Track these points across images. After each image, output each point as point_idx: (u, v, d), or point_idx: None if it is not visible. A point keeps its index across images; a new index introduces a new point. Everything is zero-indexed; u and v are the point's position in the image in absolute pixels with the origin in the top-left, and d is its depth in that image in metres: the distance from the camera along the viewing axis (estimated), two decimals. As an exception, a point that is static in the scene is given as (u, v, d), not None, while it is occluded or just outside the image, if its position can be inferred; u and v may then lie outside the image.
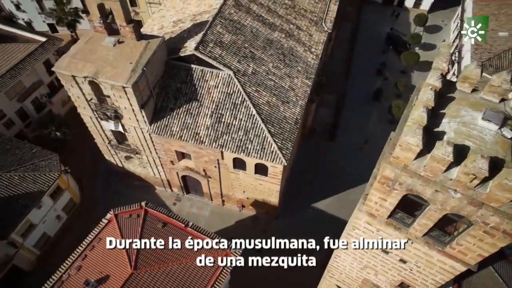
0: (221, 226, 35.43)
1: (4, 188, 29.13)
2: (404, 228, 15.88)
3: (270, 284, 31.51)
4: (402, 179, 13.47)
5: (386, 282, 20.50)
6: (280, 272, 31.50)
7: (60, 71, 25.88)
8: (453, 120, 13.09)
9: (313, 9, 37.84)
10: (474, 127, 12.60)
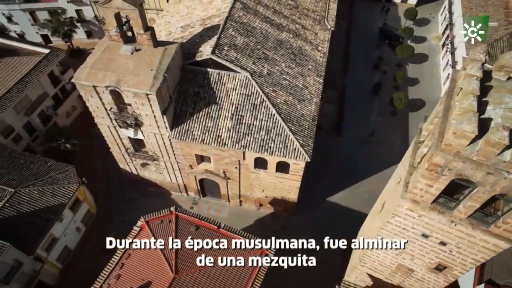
0: (240, 226, 35.69)
1: (24, 204, 28.77)
2: (448, 212, 16.81)
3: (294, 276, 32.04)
4: (452, 164, 14.34)
5: (422, 265, 21.49)
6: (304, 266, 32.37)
7: (81, 82, 25.77)
8: (498, 106, 14.04)
9: (315, 8, 38.74)
10: (517, 110, 13.59)
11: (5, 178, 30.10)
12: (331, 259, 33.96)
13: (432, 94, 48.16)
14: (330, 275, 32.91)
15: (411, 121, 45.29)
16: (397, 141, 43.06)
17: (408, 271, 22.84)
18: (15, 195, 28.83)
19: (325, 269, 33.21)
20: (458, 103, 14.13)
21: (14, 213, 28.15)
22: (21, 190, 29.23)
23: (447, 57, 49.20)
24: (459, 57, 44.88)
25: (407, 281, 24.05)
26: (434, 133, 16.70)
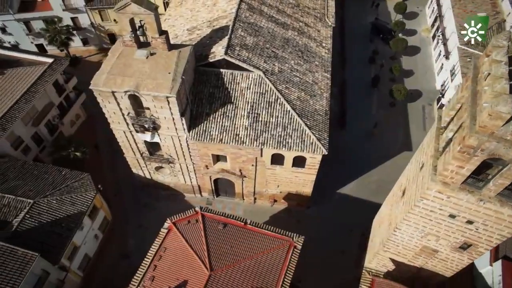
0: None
1: (45, 214, 28.64)
2: (477, 191, 17.85)
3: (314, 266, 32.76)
4: (485, 145, 15.34)
5: (447, 245, 22.55)
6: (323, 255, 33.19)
7: (99, 88, 25.88)
8: None
9: (314, 6, 39.66)
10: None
11: (22, 189, 29.86)
12: (348, 250, 35.10)
13: (427, 85, 49.79)
14: (348, 265, 33.84)
15: (410, 112, 46.70)
16: (399, 131, 44.44)
17: (432, 252, 23.89)
18: (34, 205, 28.66)
19: (343, 260, 34.32)
20: (489, 87, 15.11)
21: (35, 223, 28.00)
22: (39, 201, 29.06)
23: (439, 48, 50.93)
24: (451, 47, 46.55)
25: (430, 262, 25.12)
26: (460, 118, 17.71)
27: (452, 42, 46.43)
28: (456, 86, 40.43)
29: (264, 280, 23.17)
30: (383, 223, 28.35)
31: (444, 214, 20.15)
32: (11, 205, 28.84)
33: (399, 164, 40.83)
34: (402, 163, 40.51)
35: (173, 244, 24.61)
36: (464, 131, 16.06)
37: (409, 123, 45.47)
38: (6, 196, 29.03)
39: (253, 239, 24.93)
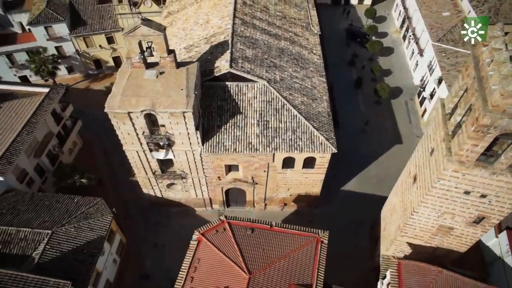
0: (269, 228, 37.28)
1: (65, 242, 28.26)
2: (490, 166, 19.96)
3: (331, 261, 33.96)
4: (498, 122, 17.44)
5: (462, 221, 24.57)
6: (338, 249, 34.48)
7: (115, 111, 26.33)
8: None
9: (299, 16, 41.97)
10: (542, 72, 17.01)
11: (37, 221, 29.33)
12: (360, 242, 36.68)
13: (405, 81, 53.28)
14: (363, 256, 35.36)
15: (395, 108, 49.71)
16: (388, 126, 47.18)
17: (448, 230, 25.85)
18: (53, 236, 28.23)
19: (357, 252, 35.82)
20: (495, 72, 17.31)
21: (56, 253, 27.56)
22: (57, 230, 28.66)
23: (412, 46, 54.83)
24: (424, 45, 50.33)
25: (446, 240, 27.08)
26: (467, 102, 19.86)
27: (424, 40, 50.24)
28: (436, 79, 43.81)
29: (299, 276, 24.14)
30: (395, 211, 30.17)
31: (460, 191, 22.15)
32: (28, 238, 28.26)
33: (394, 157, 43.55)
34: (396, 156, 43.41)
35: (206, 254, 25.12)
36: (477, 112, 18.13)
37: (395, 118, 48.36)
38: (22, 229, 28.42)
39: (282, 240, 25.92)
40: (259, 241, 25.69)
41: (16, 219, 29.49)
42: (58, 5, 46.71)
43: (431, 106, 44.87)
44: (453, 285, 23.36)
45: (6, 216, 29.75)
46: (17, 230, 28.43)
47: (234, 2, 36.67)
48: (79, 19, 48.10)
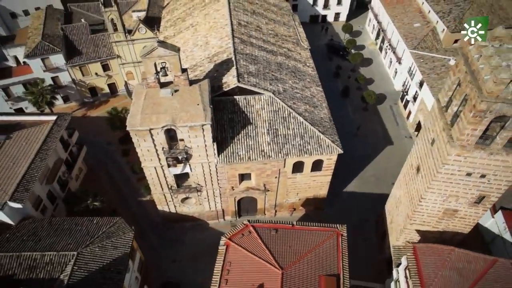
0: (281, 234, 38.77)
1: (91, 262, 28.69)
2: (488, 147, 22.81)
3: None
4: (493, 107, 20.36)
5: (465, 203, 27.25)
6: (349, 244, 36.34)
7: (137, 128, 27.73)
8: (508, 61, 20.49)
9: (289, 34, 45.20)
10: (523, 62, 20.19)
11: (60, 244, 29.63)
12: (368, 237, 38.76)
13: (387, 88, 57.33)
14: (372, 248, 37.37)
15: (381, 112, 53.27)
16: (377, 129, 50.46)
17: (453, 213, 28.46)
18: (79, 256, 28.60)
19: (367, 245, 37.83)
20: (485, 65, 20.34)
21: (85, 273, 27.91)
22: (83, 251, 29.07)
23: (389, 56, 59.36)
24: (400, 53, 54.77)
25: (451, 223, 29.66)
26: (462, 93, 22.80)
27: (401, 49, 54.71)
28: (417, 83, 47.80)
29: (327, 268, 25.78)
30: (401, 202, 32.62)
31: (462, 174, 24.87)
32: (54, 261, 28.49)
33: (387, 157, 46.61)
34: (389, 156, 46.52)
35: (236, 257, 26.38)
36: (473, 100, 21.04)
37: (383, 122, 51.81)
38: (47, 253, 28.66)
39: (305, 236, 27.61)
40: (284, 240, 27.27)
41: (39, 244, 29.69)
42: (53, 37, 47.86)
43: (415, 108, 48.64)
44: (465, 260, 25.70)
45: (28, 243, 29.90)
46: (42, 254, 28.65)
47: (231, 23, 39.34)
48: (74, 49, 49.33)
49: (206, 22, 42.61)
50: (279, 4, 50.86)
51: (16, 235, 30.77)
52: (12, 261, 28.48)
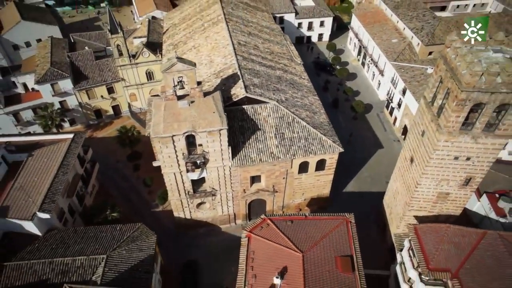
0: (289, 233, 41.39)
1: (120, 264, 30.55)
2: (470, 132, 26.85)
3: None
4: (471, 96, 24.52)
5: (455, 185, 31.03)
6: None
7: (161, 135, 30.62)
8: (479, 58, 24.86)
9: (283, 51, 49.70)
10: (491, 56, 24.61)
11: (89, 249, 31.43)
12: (371, 230, 41.85)
13: (373, 98, 62.27)
14: (375, 240, 40.37)
15: (370, 120, 57.80)
16: (368, 135, 54.73)
17: (446, 196, 32.14)
18: (108, 259, 30.45)
19: (370, 238, 40.81)
20: (461, 62, 24.63)
21: (115, 274, 29.71)
22: (111, 254, 30.95)
23: (372, 70, 64.83)
24: (382, 66, 60.17)
25: (444, 206, 33.27)
26: (445, 88, 27.00)
27: (382, 63, 60.18)
28: (400, 91, 52.77)
29: (341, 250, 28.66)
30: (399, 193, 36.18)
31: (451, 158, 28.75)
32: (85, 264, 30.26)
33: (380, 159, 50.64)
34: (381, 158, 50.59)
35: (259, 246, 28.96)
36: (455, 92, 25.21)
37: (372, 128, 56.22)
38: (77, 258, 30.43)
39: (318, 225, 30.53)
40: (300, 229, 30.12)
41: (68, 250, 31.41)
42: (61, 64, 50.74)
43: (401, 114, 53.36)
44: (460, 234, 29.14)
45: (58, 250, 31.57)
46: (73, 259, 30.40)
47: (232, 43, 43.46)
48: (81, 74, 52.21)
49: (207, 44, 46.62)
50: (271, 26, 55.78)
51: (45, 244, 32.38)
52: (45, 267, 30.10)
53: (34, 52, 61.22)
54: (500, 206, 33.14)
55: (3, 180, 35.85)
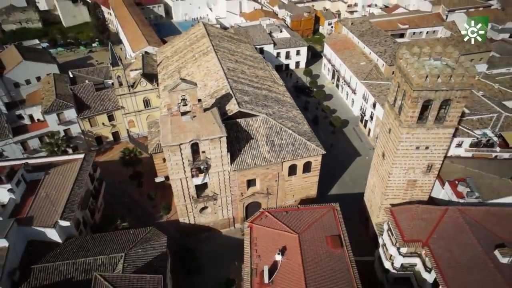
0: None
1: (138, 260, 34.30)
2: (424, 124, 33.27)
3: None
4: (421, 94, 31.14)
5: (420, 172, 37.05)
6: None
7: (170, 144, 35.65)
8: (423, 65, 31.77)
9: (265, 75, 56.56)
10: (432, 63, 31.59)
11: (108, 250, 35.09)
12: (355, 225, 46.85)
13: (348, 115, 69.44)
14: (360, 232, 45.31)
15: (347, 133, 64.52)
16: (346, 146, 61.13)
17: (414, 183, 38.04)
18: (127, 256, 34.21)
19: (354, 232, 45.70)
20: (411, 68, 31.46)
21: (133, 268, 33.41)
22: (129, 252, 34.71)
23: (345, 90, 72.63)
24: (354, 86, 67.97)
25: (414, 193, 39.07)
26: (401, 91, 33.68)
27: (354, 83, 68.02)
28: (371, 105, 60.08)
29: (330, 231, 33.64)
30: (376, 187, 41.90)
31: (413, 148, 34.96)
32: (105, 262, 33.88)
33: (358, 165, 56.76)
34: (360, 164, 56.84)
35: (260, 233, 33.59)
36: (409, 92, 31.83)
37: (350, 140, 62.81)
38: (98, 257, 34.07)
39: (309, 213, 35.59)
40: (294, 217, 35.10)
41: (89, 252, 34.98)
42: (65, 96, 55.64)
43: (373, 125, 60.35)
44: (427, 211, 34.74)
45: (79, 253, 35.08)
46: (94, 259, 34.02)
47: (222, 69, 49.89)
48: (83, 104, 57.08)
49: (200, 71, 52.94)
50: (254, 55, 63.08)
51: (66, 249, 35.78)
52: (69, 267, 33.51)
53: (34, 88, 66.21)
54: (459, 190, 39.03)
55: (23, 197, 39.39)
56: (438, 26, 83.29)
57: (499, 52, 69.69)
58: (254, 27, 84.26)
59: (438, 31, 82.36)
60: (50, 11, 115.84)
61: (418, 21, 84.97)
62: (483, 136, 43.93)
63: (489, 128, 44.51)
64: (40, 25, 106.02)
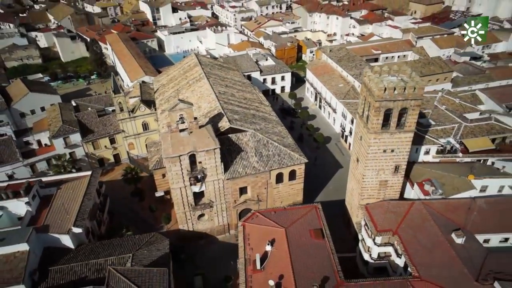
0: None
1: (144, 259, 38.53)
2: (388, 130, 39.24)
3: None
4: (382, 104, 37.34)
5: (389, 173, 42.63)
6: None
7: (171, 156, 40.86)
8: (382, 80, 38.18)
9: (253, 97, 62.94)
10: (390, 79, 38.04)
11: (116, 252, 39.27)
12: (339, 227, 51.68)
13: (330, 132, 75.73)
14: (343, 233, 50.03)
15: (330, 148, 70.48)
16: (329, 159, 66.87)
17: (385, 183, 43.51)
18: (134, 256, 38.45)
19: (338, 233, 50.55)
20: (373, 84, 37.85)
21: (141, 266, 37.54)
22: (136, 253, 38.98)
23: (327, 110, 79.39)
24: (334, 106, 74.76)
25: (387, 193, 44.43)
26: (367, 103, 39.89)
27: (334, 103, 74.84)
28: (350, 121, 66.51)
29: (313, 225, 38.57)
30: (354, 190, 47.25)
31: (381, 151, 40.74)
32: (115, 262, 37.97)
33: (341, 175, 62.30)
34: (342, 174, 62.54)
35: (252, 230, 38.31)
36: (372, 103, 38.02)
37: (333, 154, 68.67)
38: (109, 258, 38.23)
39: (294, 212, 40.58)
40: (281, 215, 40.05)
41: (100, 255, 39.07)
42: (70, 122, 60.88)
43: (353, 139, 66.37)
44: (396, 206, 40.23)
45: (91, 256, 39.14)
46: (105, 259, 38.16)
47: (214, 93, 56.08)
48: (87, 129, 62.25)
49: (194, 95, 59.04)
50: (242, 81, 69.82)
51: (78, 254, 39.83)
52: (82, 268, 37.54)
53: (39, 117, 71.37)
54: (426, 189, 44.61)
55: (37, 209, 43.63)
56: (408, 51, 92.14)
57: (462, 72, 77.79)
58: (242, 56, 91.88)
59: (408, 55, 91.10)
60: (50, 48, 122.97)
61: (390, 47, 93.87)
62: (447, 144, 50.28)
63: (451, 136, 50.96)
64: (40, 61, 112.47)
